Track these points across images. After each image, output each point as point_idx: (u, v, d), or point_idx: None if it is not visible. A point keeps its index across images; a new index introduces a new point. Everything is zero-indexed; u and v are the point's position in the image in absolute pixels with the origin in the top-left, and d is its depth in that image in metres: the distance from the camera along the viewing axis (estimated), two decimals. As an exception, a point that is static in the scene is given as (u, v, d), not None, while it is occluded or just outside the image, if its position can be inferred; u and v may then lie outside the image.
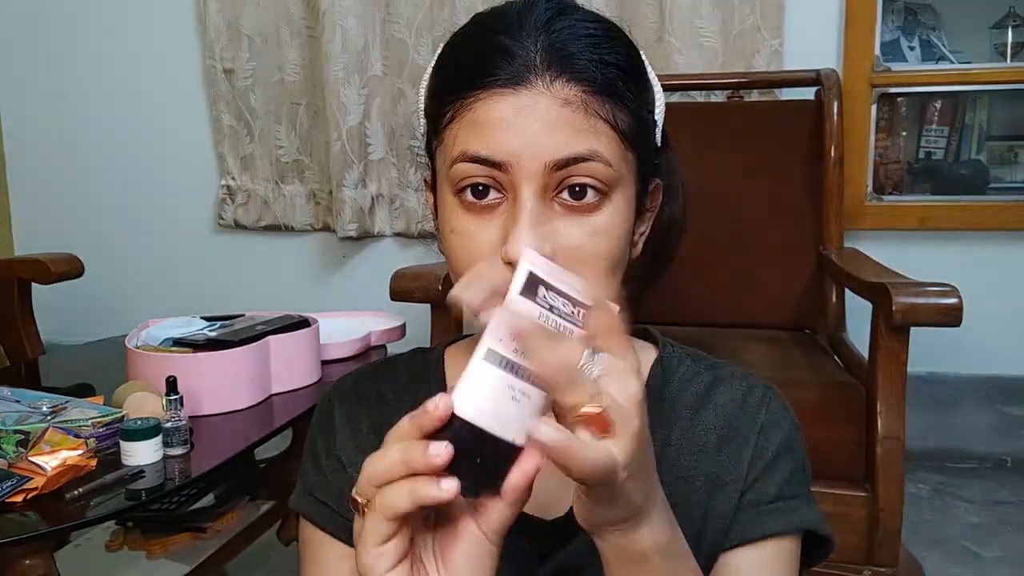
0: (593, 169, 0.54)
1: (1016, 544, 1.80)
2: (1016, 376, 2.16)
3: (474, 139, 0.55)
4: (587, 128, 0.54)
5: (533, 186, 0.54)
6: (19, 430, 1.10)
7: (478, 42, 0.58)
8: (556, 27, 0.56)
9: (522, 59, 0.55)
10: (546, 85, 0.54)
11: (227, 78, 2.44)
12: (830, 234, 1.85)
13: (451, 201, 0.57)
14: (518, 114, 0.54)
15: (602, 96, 0.55)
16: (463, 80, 0.56)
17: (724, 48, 2.11)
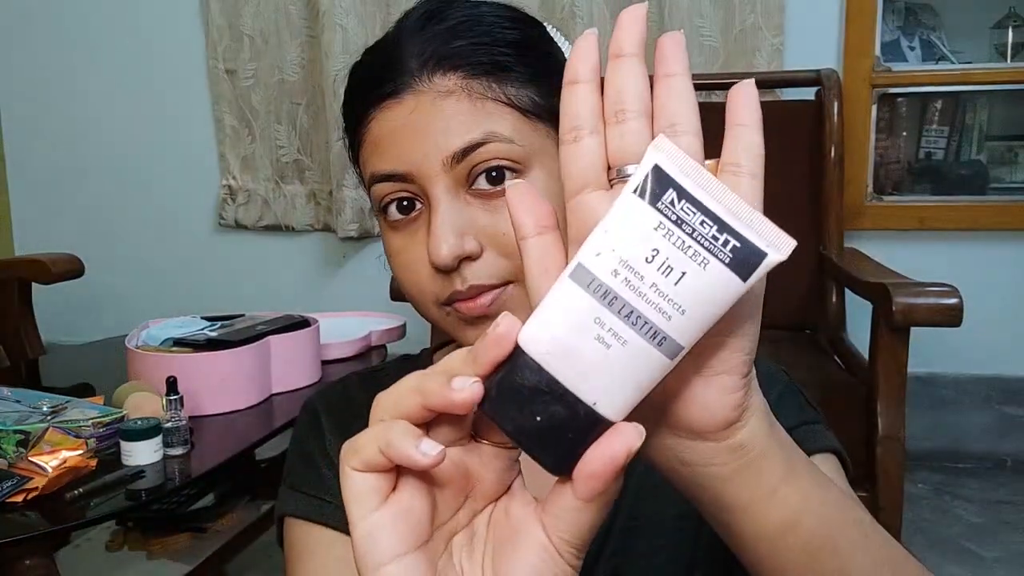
0: (494, 150, 0.53)
1: (1016, 544, 1.80)
2: (1016, 376, 2.16)
3: (375, 158, 0.55)
4: (476, 112, 0.53)
5: (440, 185, 0.53)
6: (19, 430, 1.10)
7: (368, 64, 0.58)
8: (430, 26, 0.56)
9: (403, 66, 0.54)
10: (426, 83, 0.54)
11: (229, 78, 2.44)
12: (830, 234, 1.85)
13: (382, 226, 0.57)
14: (407, 121, 0.53)
15: (486, 77, 0.54)
16: (358, 103, 0.57)
17: (725, 48, 2.11)
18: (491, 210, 0.53)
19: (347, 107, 0.59)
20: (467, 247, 0.53)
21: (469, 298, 0.54)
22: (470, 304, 0.54)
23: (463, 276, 0.53)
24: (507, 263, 0.53)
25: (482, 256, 0.53)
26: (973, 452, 2.18)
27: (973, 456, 2.18)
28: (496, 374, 0.32)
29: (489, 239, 0.53)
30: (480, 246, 0.53)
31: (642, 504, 0.60)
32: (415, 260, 0.55)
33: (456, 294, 0.53)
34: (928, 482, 2.09)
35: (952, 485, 2.07)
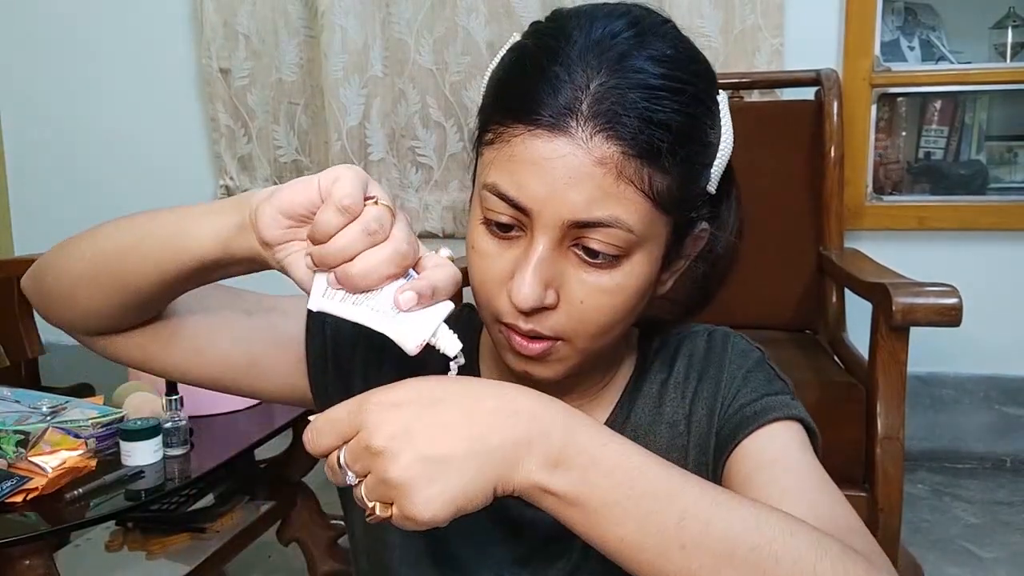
0: (610, 235, 0.53)
1: (1015, 544, 1.80)
2: (1016, 376, 2.16)
3: (505, 176, 0.54)
4: (614, 193, 0.52)
5: (549, 236, 0.54)
6: (19, 430, 1.10)
7: (534, 67, 0.54)
8: (624, 66, 0.53)
9: (568, 100, 0.52)
10: (585, 137, 0.52)
11: (223, 77, 2.44)
12: (830, 234, 1.85)
13: (479, 216, 0.57)
14: (551, 164, 0.52)
15: (640, 160, 0.52)
16: (508, 107, 0.54)
17: (725, 48, 2.11)
18: (580, 273, 0.55)
19: (500, 84, 0.57)
20: (547, 300, 0.54)
21: (524, 336, 0.56)
22: (522, 341, 0.57)
23: (529, 319, 0.55)
24: (569, 324, 0.56)
25: (555, 310, 0.55)
26: (973, 452, 2.18)
27: (973, 456, 2.18)
28: None
29: (566, 298, 0.55)
30: (557, 301, 0.55)
31: None
32: (498, 272, 0.56)
33: (516, 327, 0.56)
34: (928, 482, 2.09)
35: (952, 485, 2.07)
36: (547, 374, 0.58)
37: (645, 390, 0.66)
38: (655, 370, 0.67)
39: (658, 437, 0.65)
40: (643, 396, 0.66)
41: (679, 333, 0.69)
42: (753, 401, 0.62)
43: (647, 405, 0.66)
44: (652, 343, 0.69)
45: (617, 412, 0.66)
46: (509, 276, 0.55)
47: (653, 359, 0.68)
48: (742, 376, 0.64)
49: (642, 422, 0.65)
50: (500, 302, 0.56)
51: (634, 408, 0.66)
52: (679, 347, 0.68)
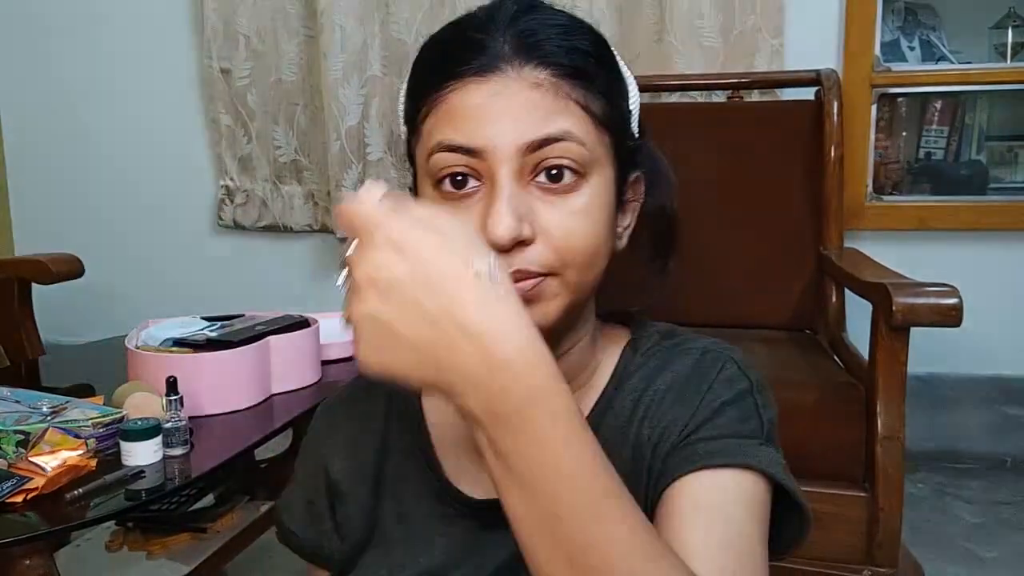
0: (567, 149, 0.55)
1: (1016, 544, 1.80)
2: (1016, 376, 2.16)
3: (449, 128, 0.56)
4: (558, 109, 0.55)
5: (508, 169, 0.55)
6: (19, 430, 1.10)
7: (449, 40, 0.59)
8: (524, 19, 0.57)
9: (492, 50, 0.56)
10: (516, 71, 0.55)
11: (224, 78, 2.44)
12: (830, 234, 1.85)
13: (430, 195, 0.58)
14: (490, 100, 0.55)
15: (572, 79, 0.56)
16: (436, 74, 0.57)
17: (724, 48, 2.11)
18: (548, 204, 0.56)
19: (418, 74, 0.60)
20: (524, 232, 0.54)
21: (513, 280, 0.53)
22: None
23: (511, 259, 0.54)
24: (553, 256, 0.56)
25: (532, 244, 0.55)
26: (973, 452, 2.18)
27: (973, 456, 2.18)
28: None
29: (542, 230, 0.55)
30: (533, 234, 0.55)
31: None
32: None
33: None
34: (928, 482, 2.09)
35: (952, 485, 2.07)
36: (541, 317, 0.56)
37: (617, 406, 0.63)
38: (633, 384, 0.64)
39: (623, 460, 0.59)
40: (614, 412, 0.63)
41: (674, 344, 0.66)
42: (713, 438, 0.58)
43: (617, 422, 0.62)
44: (636, 352, 0.65)
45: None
46: (479, 228, 0.54)
47: (634, 372, 0.65)
48: (716, 407, 0.60)
49: (609, 439, 0.60)
50: None
51: (603, 423, 0.62)
52: (668, 362, 0.64)
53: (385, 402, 0.69)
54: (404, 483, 0.66)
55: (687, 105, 2.06)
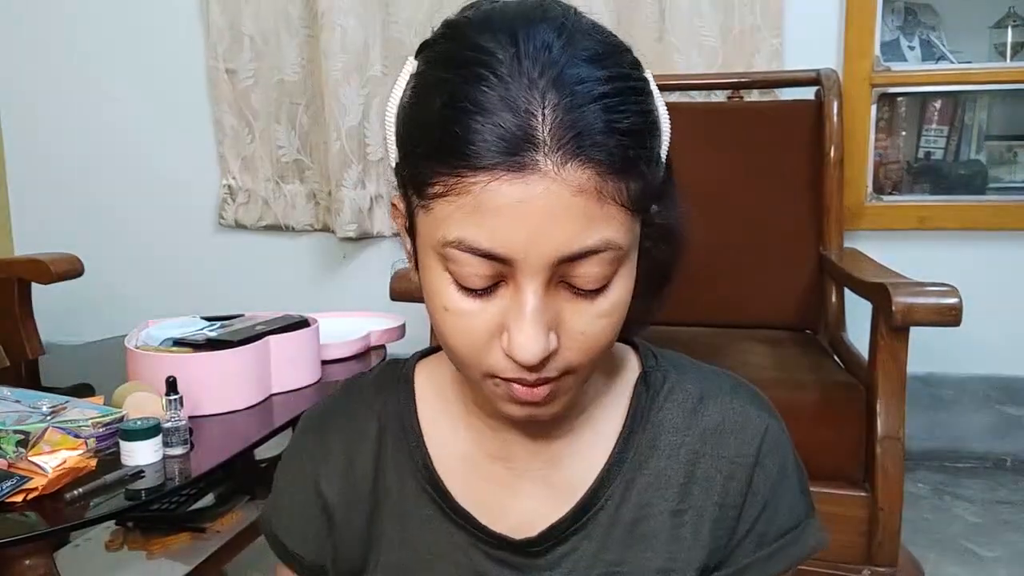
0: (602, 261, 0.49)
1: (1016, 544, 1.80)
2: (1016, 376, 2.16)
3: (472, 227, 0.48)
4: (600, 217, 0.48)
5: (538, 279, 0.49)
6: (19, 430, 1.10)
7: (467, 97, 0.47)
8: (564, 77, 0.47)
9: (525, 132, 0.46)
10: (557, 170, 0.46)
11: (229, 79, 2.44)
12: (830, 234, 1.85)
13: (441, 275, 0.51)
14: (524, 204, 0.47)
15: (616, 175, 0.48)
16: (454, 153, 0.47)
17: (724, 48, 2.11)
18: (575, 308, 0.51)
19: (429, 131, 0.49)
20: (551, 346, 0.50)
21: (530, 386, 0.52)
22: (530, 391, 0.52)
23: (535, 370, 0.51)
24: (576, 357, 0.52)
25: (557, 351, 0.51)
26: (973, 452, 2.18)
27: (973, 456, 2.18)
28: None
29: (566, 333, 0.51)
30: (559, 343, 0.51)
31: (627, 552, 0.60)
32: (484, 329, 0.51)
33: (522, 382, 0.52)
34: (928, 482, 2.09)
35: (952, 485, 2.07)
36: (554, 411, 0.55)
37: (638, 443, 0.61)
38: (654, 425, 0.61)
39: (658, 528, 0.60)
40: (637, 451, 0.61)
41: (693, 379, 0.63)
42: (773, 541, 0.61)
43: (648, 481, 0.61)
44: (650, 386, 0.62)
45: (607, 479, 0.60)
46: (499, 330, 0.51)
47: (654, 410, 0.62)
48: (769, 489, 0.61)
49: (634, 479, 0.61)
50: (494, 358, 0.51)
51: (626, 462, 0.61)
52: (697, 407, 0.62)
53: (377, 419, 0.65)
54: (404, 506, 0.63)
55: (687, 105, 2.06)
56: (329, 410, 0.68)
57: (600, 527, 0.60)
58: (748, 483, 0.60)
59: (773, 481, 0.61)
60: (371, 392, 0.67)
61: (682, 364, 0.65)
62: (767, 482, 0.60)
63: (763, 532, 0.60)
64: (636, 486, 0.60)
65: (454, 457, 0.63)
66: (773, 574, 0.61)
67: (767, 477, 0.60)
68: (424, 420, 0.64)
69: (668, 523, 0.60)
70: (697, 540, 0.60)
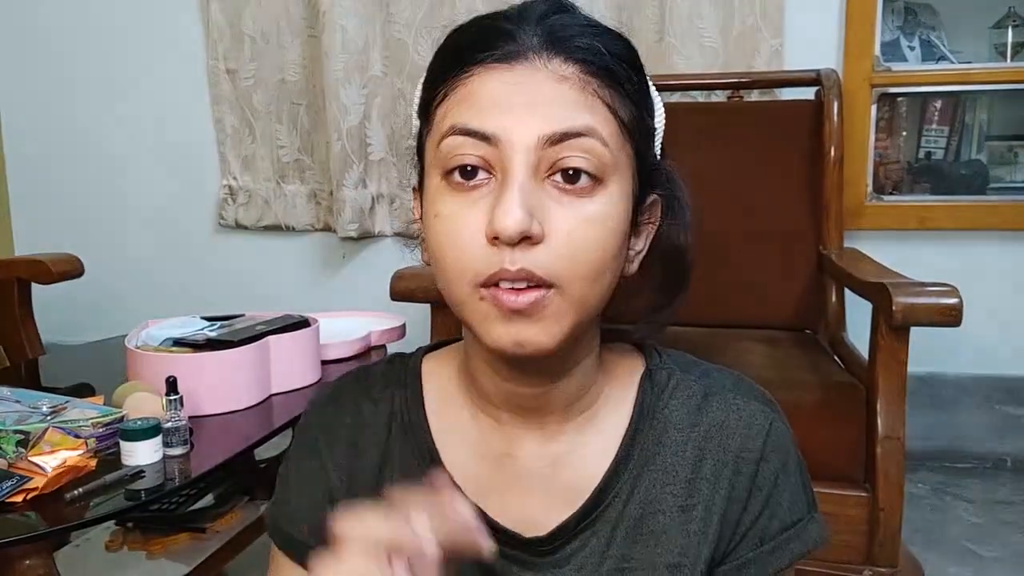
0: (589, 147, 0.52)
1: (1016, 544, 1.80)
2: (1016, 376, 2.15)
3: (465, 112, 0.53)
4: (584, 105, 0.53)
5: (524, 160, 0.52)
6: (19, 430, 1.10)
7: (475, 26, 0.56)
8: (556, 16, 0.55)
9: (520, 39, 0.54)
10: (544, 62, 0.53)
11: (230, 78, 2.44)
12: (830, 234, 1.85)
13: (438, 185, 0.55)
14: (512, 88, 0.52)
15: (601, 78, 0.54)
16: (457, 59, 0.55)
17: (724, 48, 2.11)
18: (561, 205, 0.52)
19: (438, 61, 0.57)
20: (534, 228, 0.51)
21: (513, 287, 0.52)
22: (510, 295, 0.52)
23: (515, 257, 0.51)
24: (562, 262, 0.52)
25: (540, 245, 0.51)
26: (973, 452, 2.18)
27: (973, 456, 2.18)
28: None
29: (552, 231, 0.52)
30: (543, 233, 0.51)
31: (635, 548, 0.60)
32: (467, 228, 0.52)
33: (503, 273, 0.51)
34: (928, 482, 2.09)
35: (952, 485, 2.07)
36: (542, 338, 0.53)
37: (643, 441, 0.61)
38: (660, 422, 0.62)
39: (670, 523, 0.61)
40: (642, 449, 0.61)
41: (697, 376, 0.64)
42: (775, 536, 0.61)
43: (650, 458, 0.61)
44: (655, 383, 0.63)
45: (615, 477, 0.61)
46: (484, 224, 0.52)
47: (659, 408, 0.62)
48: (771, 485, 0.61)
49: (640, 476, 0.61)
50: (478, 257, 0.52)
51: (631, 459, 0.61)
52: (702, 404, 0.62)
53: (385, 410, 0.65)
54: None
55: (687, 105, 2.06)
56: (336, 399, 0.68)
57: (608, 524, 0.61)
58: (753, 478, 0.61)
59: (777, 477, 0.61)
60: (379, 384, 0.67)
61: (686, 362, 0.66)
62: (771, 477, 0.61)
63: (766, 527, 0.61)
64: (643, 482, 0.61)
65: (461, 451, 0.63)
66: (775, 569, 0.61)
67: (771, 473, 0.61)
68: (431, 414, 0.65)
69: (677, 519, 0.60)
70: (706, 535, 0.60)
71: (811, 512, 0.63)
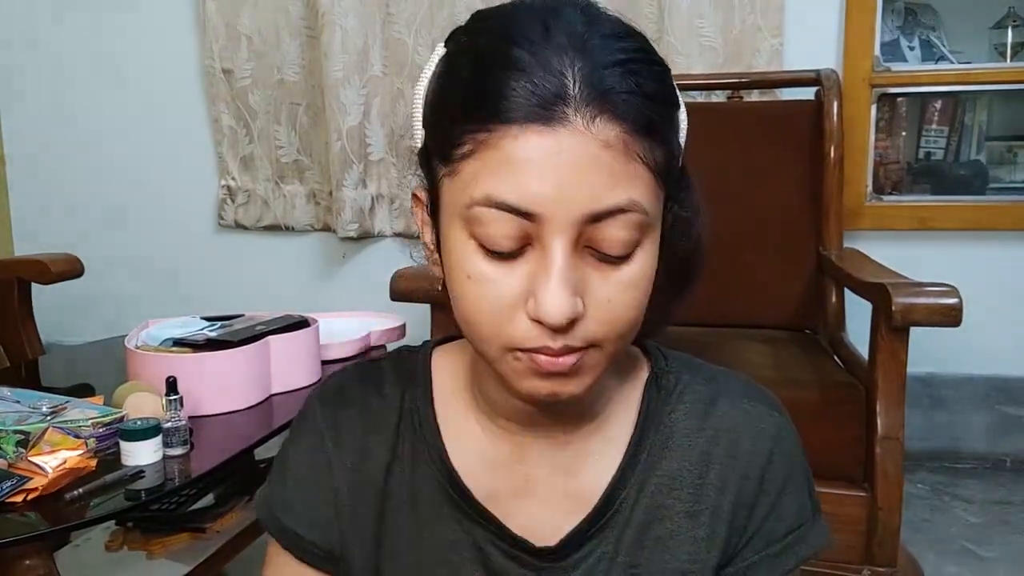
0: (630, 221, 0.49)
1: (1016, 544, 1.80)
2: (1016, 376, 2.16)
3: (501, 183, 0.48)
4: (627, 174, 0.49)
5: (565, 237, 0.48)
6: (19, 430, 1.10)
7: (500, 58, 0.49)
8: (591, 46, 0.49)
9: (557, 88, 0.47)
10: (586, 124, 0.47)
11: (226, 78, 2.44)
12: (830, 234, 1.85)
13: (467, 243, 0.51)
14: (553, 157, 0.47)
15: (642, 135, 0.49)
16: (486, 107, 0.48)
17: (724, 48, 2.11)
18: (601, 275, 0.51)
19: (461, 93, 0.51)
20: (577, 310, 0.49)
21: (555, 355, 0.51)
22: (555, 361, 0.51)
23: (561, 334, 0.50)
24: (602, 330, 0.51)
25: (582, 319, 0.50)
26: (973, 452, 2.18)
27: (973, 456, 2.18)
28: None
29: (592, 303, 0.50)
30: (585, 309, 0.50)
31: (643, 554, 0.60)
32: (506, 299, 0.50)
33: (546, 349, 0.50)
34: (928, 482, 2.09)
35: (952, 485, 2.07)
36: (577, 389, 0.53)
37: (650, 444, 0.61)
38: (667, 425, 0.62)
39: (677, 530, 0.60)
40: (649, 453, 0.61)
41: (704, 379, 0.64)
42: (779, 539, 0.61)
43: (661, 483, 0.61)
44: (661, 388, 0.63)
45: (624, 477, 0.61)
46: (523, 297, 0.50)
47: (665, 411, 0.62)
48: (778, 490, 0.61)
49: (658, 501, 0.61)
50: (516, 328, 0.50)
51: (638, 463, 0.61)
52: (709, 409, 0.62)
53: (395, 410, 0.64)
54: (419, 500, 0.62)
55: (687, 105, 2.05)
56: (343, 393, 0.66)
57: (615, 530, 0.60)
58: (760, 483, 0.60)
59: (783, 480, 0.61)
60: (388, 380, 0.65)
61: (693, 365, 0.65)
62: (778, 482, 0.61)
63: (772, 530, 0.61)
64: (649, 488, 0.60)
65: (471, 454, 0.62)
66: (780, 572, 0.61)
67: (778, 478, 0.61)
68: (440, 415, 0.63)
69: (684, 524, 0.60)
70: (713, 540, 0.60)
71: (815, 516, 0.63)
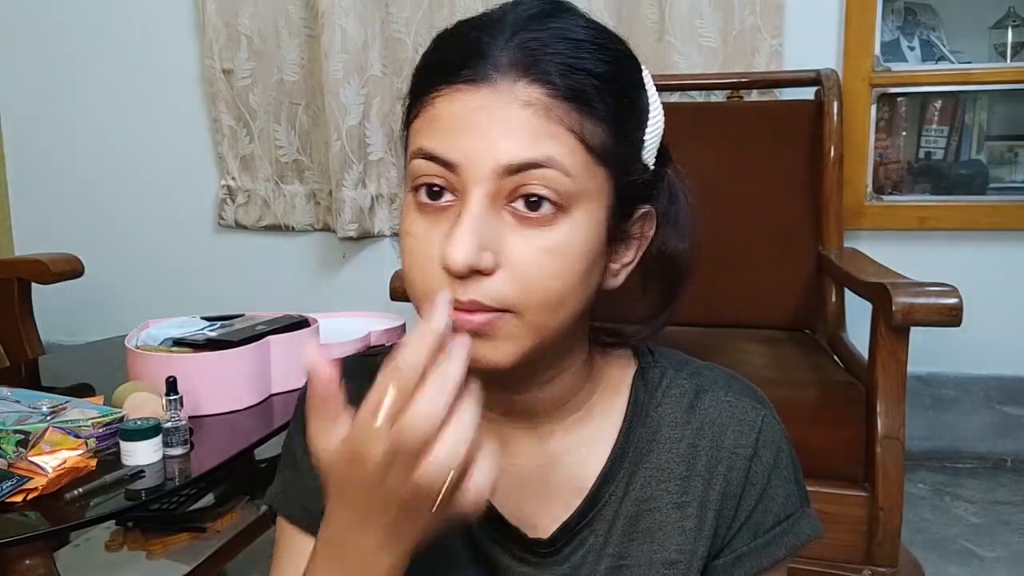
0: (548, 177, 0.51)
1: (1016, 544, 1.80)
2: (1016, 376, 2.16)
3: (429, 136, 0.52)
4: (546, 133, 0.51)
5: (482, 189, 0.51)
6: (19, 430, 1.10)
7: (452, 40, 0.55)
8: (535, 26, 0.53)
9: (489, 57, 0.52)
10: (508, 85, 0.51)
11: (225, 78, 2.44)
12: (830, 234, 1.85)
13: (409, 201, 0.55)
14: (475, 113, 0.51)
15: (568, 102, 0.51)
16: (430, 76, 0.54)
17: (724, 48, 2.11)
18: (519, 234, 0.51)
19: (419, 73, 0.57)
20: (483, 262, 0.50)
21: (465, 310, 0.52)
22: (464, 315, 0.51)
23: (467, 287, 0.51)
24: (513, 292, 0.51)
25: (494, 275, 0.51)
26: (973, 452, 2.18)
27: (973, 456, 2.18)
28: None
29: (507, 261, 0.51)
30: (495, 265, 0.51)
31: (632, 545, 0.61)
32: (428, 251, 0.53)
33: (455, 303, 0.51)
34: (928, 482, 2.09)
35: (952, 485, 2.07)
36: (496, 356, 0.52)
37: (637, 439, 0.62)
38: (654, 420, 0.62)
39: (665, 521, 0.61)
40: (636, 447, 0.62)
41: (688, 374, 0.64)
42: (768, 530, 0.61)
43: (645, 454, 0.61)
44: (648, 382, 0.63)
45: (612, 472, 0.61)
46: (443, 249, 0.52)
47: (652, 406, 0.63)
48: (765, 481, 0.61)
49: (646, 493, 0.61)
50: (433, 279, 0.52)
51: (626, 457, 0.61)
52: (694, 402, 0.63)
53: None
54: None
55: (687, 105, 2.06)
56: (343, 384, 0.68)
57: (604, 522, 0.61)
58: (746, 474, 0.61)
59: (769, 471, 0.62)
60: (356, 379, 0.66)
61: (678, 360, 0.66)
62: (764, 473, 0.61)
63: (760, 521, 0.61)
64: (637, 480, 0.61)
65: (506, 469, 0.62)
66: (769, 562, 0.61)
67: (764, 468, 0.61)
68: None
69: (672, 516, 0.61)
70: (701, 531, 0.61)
71: (803, 506, 0.64)
